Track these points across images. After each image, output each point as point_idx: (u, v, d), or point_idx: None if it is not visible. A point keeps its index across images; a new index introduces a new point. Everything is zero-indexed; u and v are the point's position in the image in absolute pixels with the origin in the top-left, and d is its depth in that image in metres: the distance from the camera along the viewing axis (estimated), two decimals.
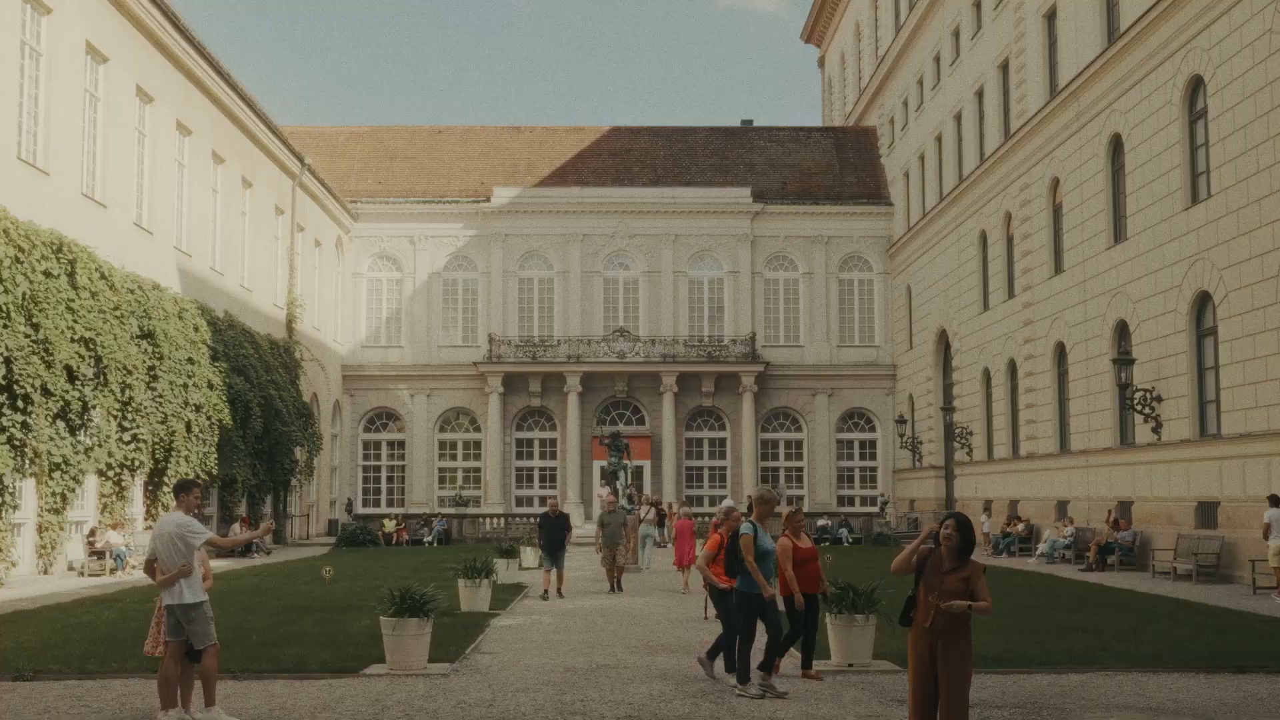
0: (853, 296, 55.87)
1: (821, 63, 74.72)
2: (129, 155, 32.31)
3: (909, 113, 53.06)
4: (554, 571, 22.79)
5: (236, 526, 36.44)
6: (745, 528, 12.17)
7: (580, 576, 27.02)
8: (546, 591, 22.48)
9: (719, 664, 13.01)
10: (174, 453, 31.74)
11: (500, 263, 54.72)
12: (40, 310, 25.23)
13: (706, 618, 12.63)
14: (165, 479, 31.44)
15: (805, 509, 52.57)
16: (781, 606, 12.53)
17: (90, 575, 27.59)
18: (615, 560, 24.48)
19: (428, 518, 47.65)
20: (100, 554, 28.29)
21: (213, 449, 34.14)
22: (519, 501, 54.16)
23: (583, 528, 45.97)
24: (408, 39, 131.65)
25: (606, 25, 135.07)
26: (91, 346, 27.42)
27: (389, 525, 45.89)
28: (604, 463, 47.64)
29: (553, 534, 23.11)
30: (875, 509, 51.69)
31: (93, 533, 28.95)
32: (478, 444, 55.09)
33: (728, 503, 17.13)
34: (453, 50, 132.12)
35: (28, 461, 24.98)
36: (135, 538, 29.61)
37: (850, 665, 13.34)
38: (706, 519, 31.58)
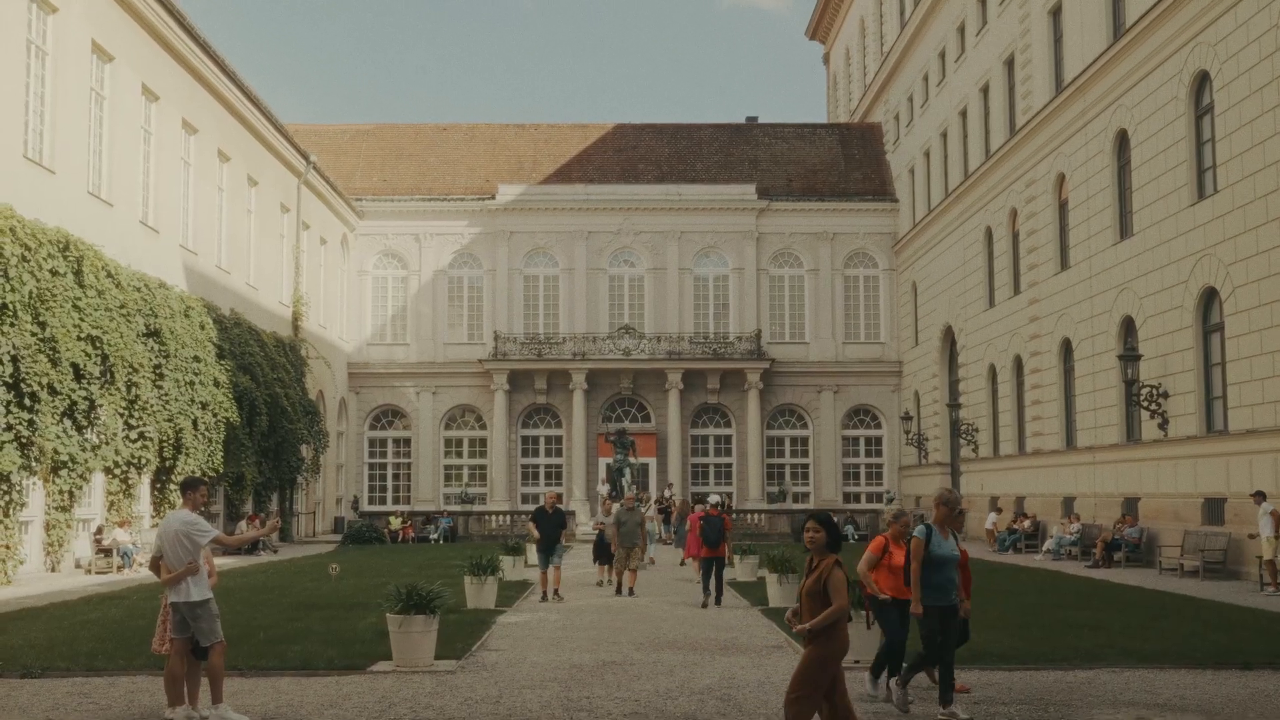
0: (858, 293, 55.81)
1: (826, 59, 74.69)
2: (135, 154, 32.34)
3: (914, 109, 53.00)
4: (550, 571, 21.62)
5: (243, 524, 36.50)
6: (918, 531, 10.86)
7: (587, 574, 26.97)
8: (545, 593, 21.47)
9: (884, 681, 11.63)
10: (181, 450, 31.77)
11: (505, 260, 54.73)
12: (47, 308, 25.26)
13: (869, 627, 11.94)
14: (172, 477, 31.48)
15: (811, 506, 52.62)
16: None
17: (97, 573, 27.64)
18: (629, 562, 22.86)
19: (433, 515, 47.69)
20: (107, 552, 28.36)
21: (219, 447, 34.19)
22: (524, 499, 54.11)
23: (587, 525, 45.98)
24: (412, 37, 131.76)
25: (611, 22, 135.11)
26: (98, 344, 27.45)
27: (395, 523, 45.97)
28: (609, 460, 47.73)
29: (549, 530, 21.98)
30: (881, 506, 51.68)
31: (100, 530, 29.01)
32: (483, 441, 55.11)
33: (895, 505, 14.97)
34: (457, 48, 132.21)
35: (34, 460, 25.01)
36: (142, 535, 29.69)
37: (856, 661, 13.31)
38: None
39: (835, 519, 9.31)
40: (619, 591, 22.74)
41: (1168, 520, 29.07)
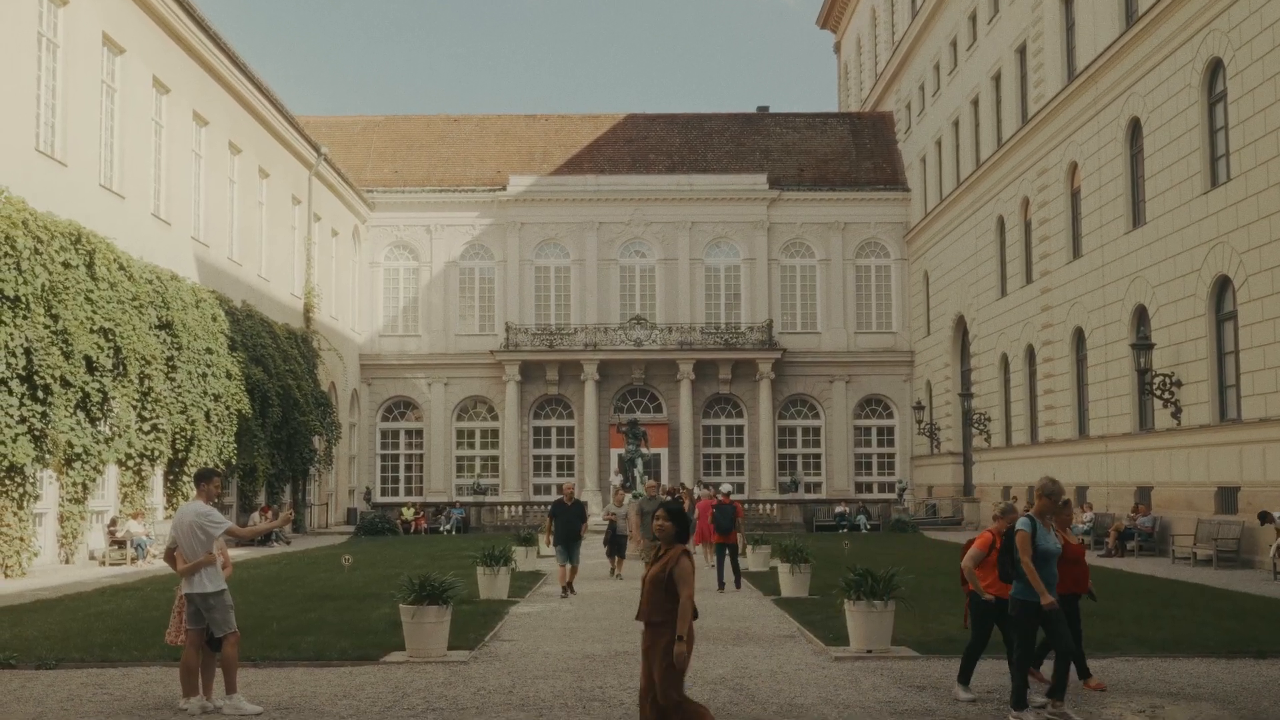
0: (870, 283, 55.74)
1: (837, 48, 74.49)
2: (146, 146, 32.40)
3: (925, 98, 52.86)
4: (568, 565, 20.87)
5: (256, 516, 36.59)
6: (1022, 523, 10.25)
7: (597, 565, 26.96)
8: (564, 587, 20.74)
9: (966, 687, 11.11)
10: (193, 442, 31.85)
11: (516, 251, 54.75)
12: (59, 301, 25.32)
13: (966, 626, 11.36)
14: (185, 468, 31.58)
15: (823, 496, 52.58)
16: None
17: (111, 564, 27.73)
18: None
19: (445, 506, 47.75)
20: (121, 543, 28.45)
21: (232, 438, 34.27)
22: (537, 489, 54.25)
23: (598, 515, 45.97)
24: (423, 28, 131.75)
25: (622, 12, 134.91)
26: (110, 337, 27.52)
27: (407, 514, 46.04)
28: (621, 451, 47.73)
29: (569, 523, 21.20)
30: (893, 495, 51.64)
31: (113, 522, 29.11)
32: (495, 432, 55.18)
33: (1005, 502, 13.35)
34: (468, 38, 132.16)
35: (47, 452, 25.08)
36: (156, 527, 29.78)
37: (869, 651, 13.32)
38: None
39: (685, 509, 9.04)
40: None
41: (1181, 509, 29.00)
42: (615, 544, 24.52)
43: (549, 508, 22.55)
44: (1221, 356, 27.86)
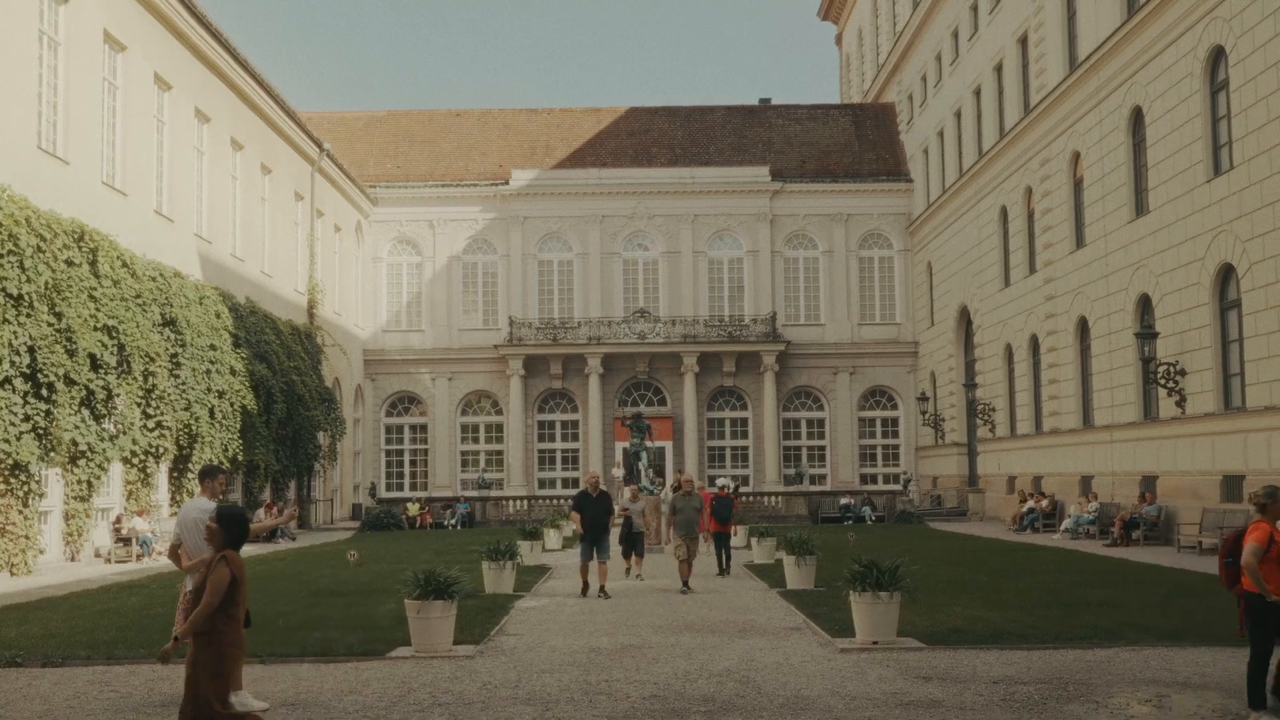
0: (873, 274, 55.67)
1: (839, 40, 74.41)
2: (148, 143, 32.38)
3: (927, 89, 52.77)
4: (594, 563, 19.44)
5: (261, 512, 36.63)
6: None
7: (613, 563, 26.89)
8: (585, 585, 19.44)
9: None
10: (198, 439, 31.87)
11: (519, 245, 54.73)
12: (63, 299, 25.33)
13: (1242, 634, 10.08)
14: (190, 465, 31.60)
15: (828, 488, 52.57)
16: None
17: (117, 562, 27.78)
18: (690, 552, 20.36)
19: (451, 501, 47.78)
20: (126, 540, 28.50)
21: (236, 435, 34.28)
22: (541, 484, 54.26)
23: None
24: (425, 22, 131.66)
25: (623, 5, 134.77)
26: (114, 334, 27.53)
27: (412, 509, 46.08)
28: (626, 444, 47.77)
29: (596, 516, 19.57)
30: (898, 487, 51.65)
31: (119, 520, 29.15)
32: (500, 427, 55.19)
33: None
34: (469, 33, 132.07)
35: (51, 450, 25.09)
36: (161, 524, 29.82)
37: (875, 643, 13.33)
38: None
39: (248, 515, 8.55)
40: (685, 587, 20.16)
41: (1186, 498, 28.98)
42: (630, 542, 22.98)
43: (571, 501, 21.37)
44: (1225, 345, 27.81)
